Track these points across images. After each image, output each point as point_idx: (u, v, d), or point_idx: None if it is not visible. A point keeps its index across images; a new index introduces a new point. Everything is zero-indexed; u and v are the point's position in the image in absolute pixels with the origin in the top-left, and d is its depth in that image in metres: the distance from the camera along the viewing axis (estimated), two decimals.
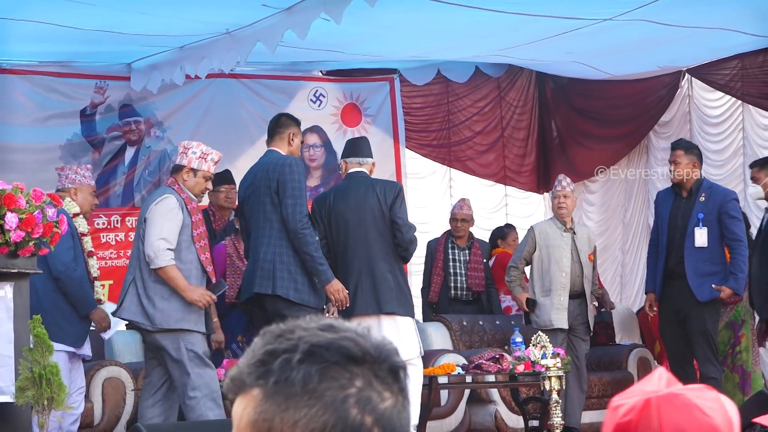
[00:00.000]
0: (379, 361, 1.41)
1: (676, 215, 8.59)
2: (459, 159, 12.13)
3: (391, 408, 1.40)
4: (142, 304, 7.01)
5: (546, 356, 7.90)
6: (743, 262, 8.44)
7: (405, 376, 1.44)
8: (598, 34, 9.62)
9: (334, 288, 7.21)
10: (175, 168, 7.35)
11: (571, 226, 9.09)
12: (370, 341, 1.41)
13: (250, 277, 7.24)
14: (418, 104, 12.00)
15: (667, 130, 11.97)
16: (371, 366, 1.40)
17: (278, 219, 7.17)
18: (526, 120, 12.38)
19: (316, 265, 7.15)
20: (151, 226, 7.00)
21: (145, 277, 7.02)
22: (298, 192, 7.16)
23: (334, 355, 1.39)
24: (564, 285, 8.91)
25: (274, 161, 7.28)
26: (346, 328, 1.43)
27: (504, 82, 12.21)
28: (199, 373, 6.97)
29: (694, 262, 8.47)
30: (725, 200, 8.53)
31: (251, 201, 7.32)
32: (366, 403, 1.38)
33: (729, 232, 8.46)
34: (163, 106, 10.90)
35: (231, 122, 11.10)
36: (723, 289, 8.41)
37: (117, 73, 10.61)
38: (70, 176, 7.57)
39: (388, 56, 11.25)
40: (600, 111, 12.22)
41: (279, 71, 11.27)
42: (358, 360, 1.39)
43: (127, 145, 10.83)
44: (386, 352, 1.42)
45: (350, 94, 11.69)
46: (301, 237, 7.10)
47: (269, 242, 7.17)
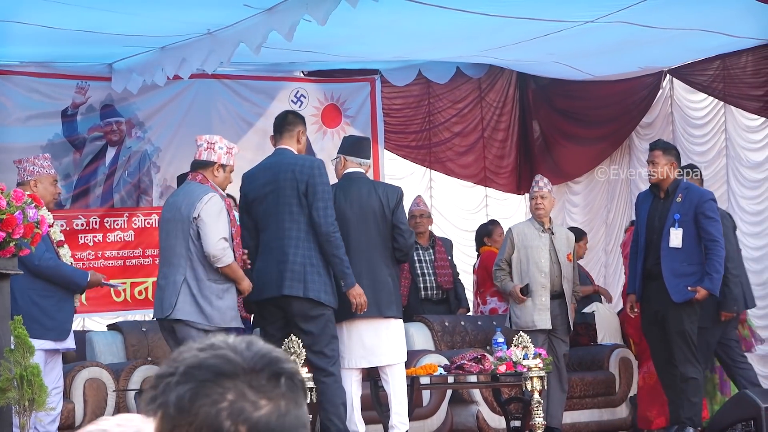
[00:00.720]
0: (254, 372, 1.51)
1: (653, 216, 8.60)
2: (439, 160, 12.14)
3: (268, 414, 1.50)
4: (198, 304, 7.02)
5: (528, 356, 7.92)
6: (719, 263, 8.43)
7: (290, 380, 1.53)
8: (580, 35, 9.65)
9: (357, 292, 7.26)
10: (202, 164, 7.25)
11: (549, 226, 9.11)
12: (244, 354, 1.52)
13: (276, 277, 7.18)
14: (397, 105, 12.01)
15: (649, 131, 12.00)
16: (245, 377, 1.50)
17: (305, 221, 7.17)
18: (506, 121, 12.38)
19: (344, 269, 7.19)
20: (209, 226, 6.99)
21: (200, 276, 7.03)
22: (328, 195, 7.20)
23: (205, 373, 1.50)
24: (544, 285, 8.93)
25: (300, 162, 7.26)
26: (223, 345, 1.53)
27: (484, 83, 12.22)
28: None
29: (670, 263, 8.47)
30: (702, 201, 8.53)
31: (269, 200, 7.25)
32: (239, 414, 1.49)
33: (705, 233, 8.45)
34: (145, 107, 10.88)
35: (212, 122, 11.07)
36: (698, 290, 8.40)
37: (98, 74, 10.58)
38: (28, 168, 7.49)
39: (369, 57, 11.26)
40: (582, 112, 12.24)
41: (260, 72, 11.26)
42: (228, 374, 1.50)
43: (108, 145, 10.80)
44: (265, 362, 1.52)
45: (331, 95, 11.69)
46: (333, 240, 7.13)
47: (297, 244, 7.16)
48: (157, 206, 10.87)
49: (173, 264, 7.12)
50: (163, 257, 7.31)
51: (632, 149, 12.22)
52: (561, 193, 12.36)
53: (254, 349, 1.53)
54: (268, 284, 7.22)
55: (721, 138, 11.54)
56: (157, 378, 1.53)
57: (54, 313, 7.27)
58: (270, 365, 1.53)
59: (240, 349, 1.53)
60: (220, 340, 1.55)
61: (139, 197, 10.90)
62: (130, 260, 10.81)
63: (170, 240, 7.19)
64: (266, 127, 11.37)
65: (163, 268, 7.25)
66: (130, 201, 10.88)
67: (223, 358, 1.51)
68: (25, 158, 7.71)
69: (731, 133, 11.45)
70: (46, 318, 7.20)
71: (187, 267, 7.06)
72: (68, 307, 7.40)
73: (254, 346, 1.54)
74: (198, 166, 7.29)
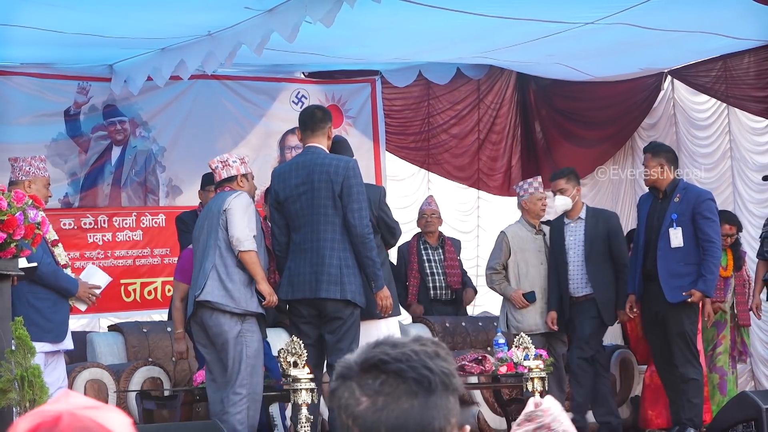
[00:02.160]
0: (363, 372, 1.80)
1: (652, 216, 8.59)
2: (437, 162, 12.15)
3: (365, 409, 1.78)
4: (226, 288, 7.15)
5: (528, 357, 7.93)
6: (714, 264, 8.40)
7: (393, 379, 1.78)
8: (580, 37, 9.66)
9: (384, 294, 7.32)
10: (226, 180, 7.44)
11: (539, 227, 9.17)
12: (360, 358, 1.82)
13: (310, 279, 7.21)
14: (398, 106, 12.03)
15: (653, 132, 11.99)
16: (357, 378, 1.80)
17: (340, 222, 7.19)
18: (501, 123, 12.35)
19: (375, 270, 7.24)
20: (235, 216, 7.19)
21: (228, 263, 7.18)
22: (363, 196, 7.23)
23: (336, 377, 1.84)
24: (544, 288, 8.99)
25: (335, 163, 7.25)
26: (362, 350, 1.85)
27: (483, 85, 12.21)
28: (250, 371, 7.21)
29: (667, 263, 8.45)
30: (699, 200, 8.49)
31: (303, 200, 7.26)
32: (346, 408, 1.80)
33: (702, 233, 8.40)
34: (147, 107, 10.91)
35: (214, 123, 11.12)
36: (692, 293, 8.37)
37: (99, 75, 10.60)
38: (24, 168, 7.51)
39: (370, 59, 11.28)
40: (583, 112, 12.25)
41: (261, 72, 11.27)
42: (346, 377, 1.82)
43: (113, 144, 10.83)
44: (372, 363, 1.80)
45: (332, 96, 11.70)
46: (367, 242, 7.18)
47: (333, 246, 7.19)
48: (164, 206, 10.95)
49: (206, 255, 7.28)
50: (196, 259, 7.43)
51: (635, 150, 12.21)
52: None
53: (375, 351, 1.82)
54: (301, 285, 7.24)
55: (725, 140, 11.53)
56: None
57: (51, 315, 7.30)
58: (377, 365, 1.79)
59: (362, 352, 1.83)
60: (370, 342, 1.85)
61: (146, 196, 10.95)
62: (140, 260, 10.85)
63: (202, 238, 7.37)
64: (268, 128, 11.42)
65: (199, 260, 7.38)
66: (137, 200, 10.93)
67: (346, 363, 1.83)
68: (21, 157, 7.73)
69: (736, 135, 11.43)
70: (44, 320, 7.23)
71: (216, 255, 7.21)
72: (64, 308, 7.42)
73: (380, 347, 1.82)
74: (223, 183, 7.48)
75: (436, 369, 1.79)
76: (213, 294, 7.17)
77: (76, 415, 1.76)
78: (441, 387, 1.78)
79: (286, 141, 11.53)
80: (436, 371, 1.79)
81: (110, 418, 1.78)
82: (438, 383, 1.79)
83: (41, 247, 7.05)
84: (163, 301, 10.59)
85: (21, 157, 7.78)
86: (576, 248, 8.92)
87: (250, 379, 7.17)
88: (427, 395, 1.77)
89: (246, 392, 7.13)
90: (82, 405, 1.78)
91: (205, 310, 7.22)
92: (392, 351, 1.79)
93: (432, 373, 1.78)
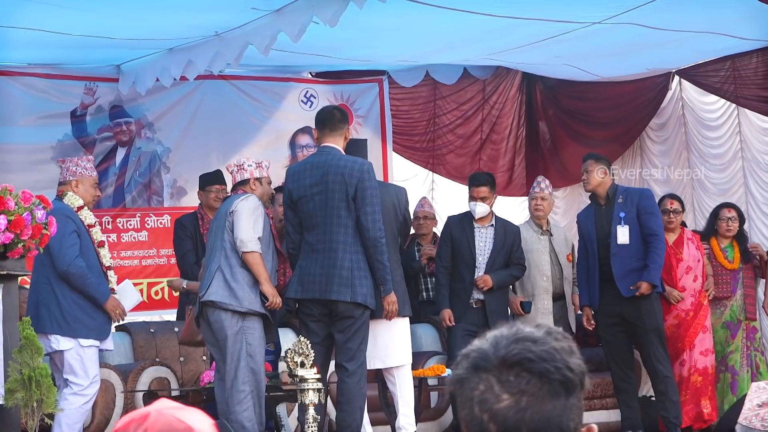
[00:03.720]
0: (505, 367, 1.74)
1: (600, 223, 8.73)
2: (441, 162, 12.14)
3: (507, 408, 1.73)
4: (231, 287, 7.24)
5: None
6: (658, 255, 8.59)
7: (539, 379, 1.73)
8: (587, 37, 9.66)
9: (392, 299, 7.35)
10: (240, 183, 7.58)
11: (547, 228, 9.17)
12: (500, 351, 1.75)
13: (321, 281, 7.23)
14: (405, 107, 12.03)
15: (662, 133, 11.99)
16: (496, 372, 1.74)
17: (353, 225, 7.20)
18: (504, 123, 12.32)
19: (385, 275, 7.26)
20: (241, 218, 7.30)
21: (232, 264, 7.28)
22: (376, 199, 7.24)
23: (468, 365, 1.78)
24: (546, 289, 9.00)
25: (350, 165, 7.25)
26: (492, 338, 1.79)
27: (489, 85, 12.20)
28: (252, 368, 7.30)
29: (620, 261, 8.59)
30: (642, 198, 8.78)
31: (317, 201, 7.26)
32: (484, 403, 1.74)
33: (646, 228, 8.62)
34: (154, 108, 10.93)
35: (221, 123, 11.14)
36: (640, 285, 8.52)
37: (106, 75, 10.63)
38: (71, 168, 7.62)
39: (377, 60, 11.29)
40: (590, 113, 12.23)
41: (268, 72, 11.28)
42: (482, 368, 1.75)
43: (118, 146, 10.85)
44: (517, 359, 1.74)
45: (341, 95, 11.71)
46: (379, 246, 7.19)
47: (345, 248, 7.20)
48: (168, 207, 10.97)
49: (212, 256, 7.39)
50: (208, 255, 7.54)
51: (644, 151, 12.20)
52: (575, 196, 12.35)
53: (517, 346, 1.75)
54: (311, 285, 7.25)
55: (736, 140, 11.51)
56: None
57: (94, 314, 7.45)
58: (521, 363, 1.74)
59: (502, 345, 1.76)
60: (506, 333, 1.79)
61: (150, 197, 10.97)
62: (146, 260, 10.89)
63: (210, 241, 7.51)
64: (276, 127, 11.43)
65: (207, 262, 7.51)
66: (141, 201, 10.95)
67: (481, 353, 1.77)
68: (69, 158, 7.89)
69: (747, 135, 11.42)
70: (88, 318, 7.41)
71: (221, 256, 7.31)
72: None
73: (522, 343, 1.76)
74: (237, 186, 7.63)
75: (576, 368, 1.76)
76: (217, 294, 7.25)
77: (162, 413, 1.94)
78: (579, 387, 1.77)
79: (297, 140, 11.55)
80: (576, 371, 1.76)
81: (193, 418, 1.95)
82: (578, 383, 1.77)
83: (76, 246, 7.20)
84: (170, 301, 10.62)
85: (68, 158, 7.98)
86: (484, 254, 8.87)
87: (252, 376, 7.22)
88: (568, 396, 1.76)
89: (249, 389, 7.19)
90: (169, 406, 1.97)
91: (209, 308, 7.31)
92: (535, 348, 1.75)
93: (573, 373, 1.76)
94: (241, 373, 7.17)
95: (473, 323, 8.61)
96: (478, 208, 8.77)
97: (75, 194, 7.51)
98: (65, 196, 7.50)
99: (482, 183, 8.83)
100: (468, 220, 8.85)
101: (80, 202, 7.51)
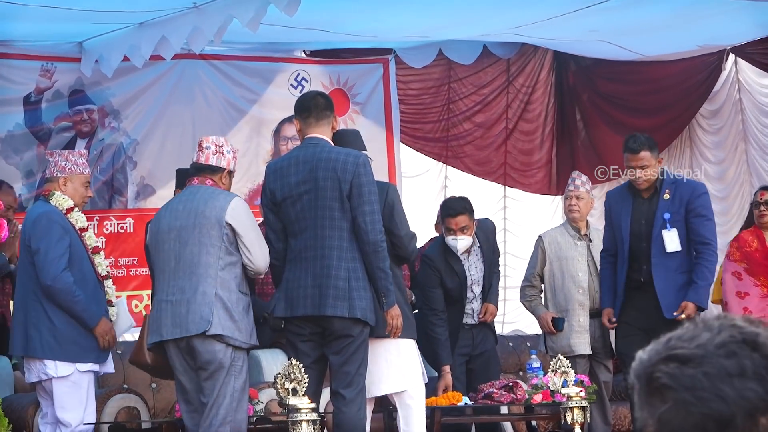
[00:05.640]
0: (648, 389, 1.71)
1: (638, 220, 8.38)
2: (456, 155, 12.15)
3: (667, 412, 1.66)
4: (234, 318, 7.09)
5: (567, 384, 7.91)
6: (709, 270, 8.22)
7: (672, 407, 1.66)
8: (627, 8, 9.65)
9: (395, 313, 7.22)
10: (210, 169, 7.31)
11: (585, 232, 9.09)
12: (646, 368, 1.71)
13: (314, 294, 7.12)
14: (414, 90, 12.02)
15: (715, 121, 11.97)
16: (642, 393, 1.71)
17: (349, 228, 7.10)
18: (536, 110, 12.35)
19: (388, 284, 7.15)
20: (249, 235, 7.15)
21: (232, 288, 7.11)
22: (375, 197, 7.12)
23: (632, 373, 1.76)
24: (582, 303, 8.92)
25: (342, 158, 7.14)
26: (653, 347, 1.74)
27: (514, 65, 12.22)
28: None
29: (664, 273, 8.26)
30: (694, 194, 8.33)
31: (305, 202, 7.16)
32: (635, 421, 1.82)
33: (695, 233, 8.22)
34: (120, 93, 10.91)
35: (198, 111, 11.13)
36: (685, 307, 8.14)
37: (66, 54, 10.60)
38: (60, 163, 7.55)
39: (382, 36, 11.27)
40: (631, 98, 12.24)
41: (255, 51, 11.29)
42: (635, 382, 1.73)
43: (78, 137, 10.85)
44: (655, 387, 1.69)
45: (337, 78, 11.70)
46: (380, 251, 7.09)
47: (340, 255, 7.09)
48: (132, 208, 10.93)
49: (197, 274, 7.11)
50: (177, 269, 7.24)
51: (694, 142, 12.20)
52: None
53: (662, 367, 1.69)
54: (301, 300, 7.14)
55: None
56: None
57: (89, 334, 7.41)
58: (660, 391, 1.69)
59: (652, 360, 1.72)
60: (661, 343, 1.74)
61: (112, 198, 10.93)
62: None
63: (188, 248, 7.18)
64: (261, 116, 11.41)
65: (179, 280, 7.20)
66: (101, 202, 10.89)
67: (636, 365, 1.74)
68: (58, 152, 7.83)
69: None
70: (85, 338, 7.35)
71: (217, 277, 7.10)
72: None
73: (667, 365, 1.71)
74: (204, 171, 7.31)
75: (733, 397, 1.62)
76: (223, 326, 7.06)
77: None
78: (743, 416, 1.62)
79: (282, 131, 11.54)
80: (733, 400, 1.63)
81: None
82: (737, 413, 1.62)
83: (64, 258, 7.17)
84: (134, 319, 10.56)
85: (58, 150, 7.89)
86: (479, 281, 8.84)
87: (235, 415, 7.14)
88: (722, 429, 1.63)
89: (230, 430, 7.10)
90: None
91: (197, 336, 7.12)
92: (681, 372, 1.65)
93: (726, 403, 1.62)
94: (223, 412, 7.08)
95: (467, 345, 8.74)
96: (460, 244, 8.74)
97: (63, 194, 7.47)
98: (52, 196, 7.45)
99: (459, 212, 8.74)
100: (451, 253, 8.81)
101: (69, 203, 7.46)
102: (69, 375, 7.28)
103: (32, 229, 7.30)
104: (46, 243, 7.03)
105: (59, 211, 7.38)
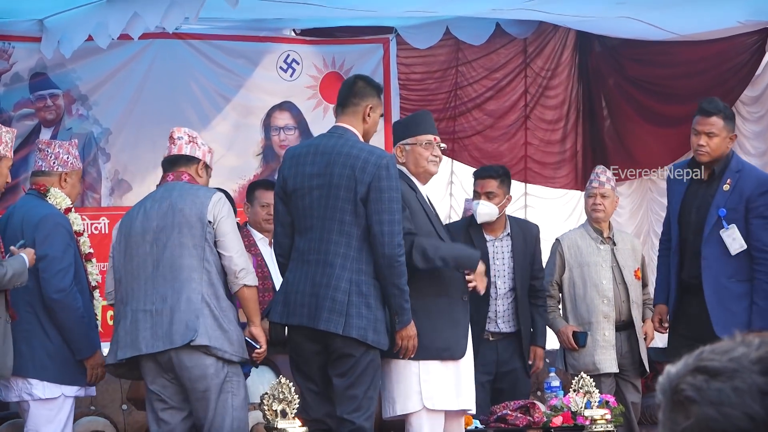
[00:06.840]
0: (673, 403, 1.76)
1: (689, 205, 8.22)
2: (465, 147, 12.17)
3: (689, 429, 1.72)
4: (223, 327, 7.06)
5: (591, 405, 7.89)
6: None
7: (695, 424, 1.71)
8: None
9: (410, 333, 7.17)
10: (185, 160, 7.30)
11: (609, 235, 9.09)
12: (672, 381, 1.77)
13: (310, 303, 7.06)
14: (417, 74, 12.07)
15: (757, 109, 12.03)
16: (667, 406, 1.77)
17: (360, 235, 7.02)
18: (559, 96, 12.41)
19: (403, 302, 7.08)
20: (232, 235, 7.17)
21: (219, 294, 7.10)
22: (396, 205, 7.03)
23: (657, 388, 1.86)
24: (607, 315, 8.92)
25: (364, 156, 7.06)
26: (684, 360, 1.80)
27: (531, 46, 12.29)
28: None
29: (715, 280, 8.09)
30: (758, 192, 8.05)
31: (315, 197, 7.09)
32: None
33: (754, 237, 8.01)
34: (87, 76, 10.93)
35: (176, 97, 11.15)
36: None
37: (25, 33, 10.62)
38: (61, 156, 7.46)
39: (382, 11, 11.27)
40: (663, 82, 12.30)
41: (239, 30, 11.35)
42: (660, 395, 1.81)
43: (42, 125, 10.87)
44: (678, 400, 1.74)
45: (332, 61, 11.74)
46: (397, 266, 7.01)
47: (344, 264, 7.01)
48: (107, 206, 10.99)
49: (179, 279, 7.07)
50: (157, 275, 7.19)
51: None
52: (642, 191, 12.50)
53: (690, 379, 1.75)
54: (298, 308, 7.09)
55: None
56: None
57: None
58: (683, 404, 1.74)
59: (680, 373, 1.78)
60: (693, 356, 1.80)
61: (84, 194, 10.90)
62: None
63: (168, 251, 7.13)
64: (247, 102, 11.45)
65: (159, 288, 7.14)
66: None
67: (662, 378, 1.81)
68: (56, 142, 7.73)
69: None
70: (77, 361, 7.36)
71: (203, 282, 7.07)
72: None
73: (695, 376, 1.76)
74: (179, 163, 7.30)
75: (764, 417, 1.69)
76: (208, 335, 7.01)
77: None
78: None
79: (273, 120, 11.60)
80: (762, 420, 1.69)
81: None
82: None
83: (68, 269, 7.15)
84: (105, 332, 10.46)
85: (55, 141, 7.82)
86: (504, 275, 8.76)
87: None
88: None
89: None
90: None
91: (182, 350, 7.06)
92: (708, 385, 1.71)
93: (755, 422, 1.69)
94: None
95: (490, 362, 8.73)
96: (481, 208, 8.66)
97: (62, 191, 7.39)
98: (48, 193, 7.36)
99: (489, 174, 8.74)
100: (476, 228, 8.72)
101: (68, 203, 7.41)
102: (54, 398, 7.27)
103: (36, 232, 7.18)
104: (54, 251, 7.03)
105: (63, 214, 7.32)
